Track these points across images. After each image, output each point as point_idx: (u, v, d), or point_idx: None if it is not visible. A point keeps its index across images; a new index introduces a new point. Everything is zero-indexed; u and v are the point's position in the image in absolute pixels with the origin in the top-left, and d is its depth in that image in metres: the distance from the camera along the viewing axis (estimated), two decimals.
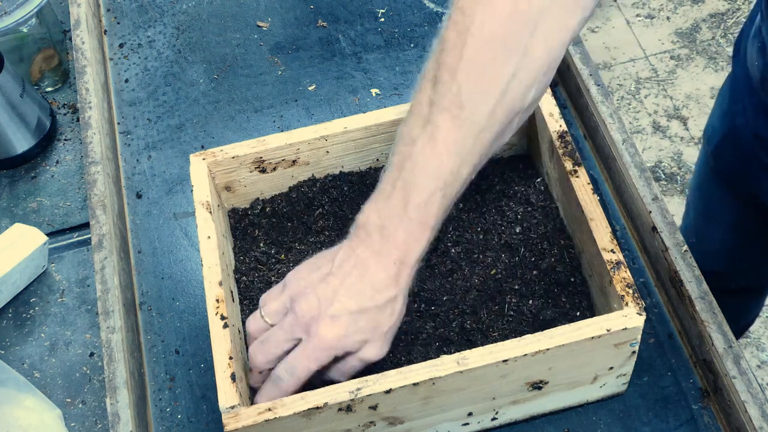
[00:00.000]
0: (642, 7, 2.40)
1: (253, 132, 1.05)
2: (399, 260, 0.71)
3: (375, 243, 0.71)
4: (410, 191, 0.70)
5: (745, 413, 0.76)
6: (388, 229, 0.71)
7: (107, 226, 0.92)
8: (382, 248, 0.71)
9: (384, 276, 0.71)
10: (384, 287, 0.71)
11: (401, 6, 1.16)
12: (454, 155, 0.70)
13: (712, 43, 2.30)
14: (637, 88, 2.24)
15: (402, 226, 0.71)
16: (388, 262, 0.71)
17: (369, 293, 0.71)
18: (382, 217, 0.71)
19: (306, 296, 0.72)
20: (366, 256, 0.71)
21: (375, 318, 0.71)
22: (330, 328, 0.71)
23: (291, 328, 0.72)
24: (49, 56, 1.12)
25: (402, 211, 0.71)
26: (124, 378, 0.82)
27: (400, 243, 0.71)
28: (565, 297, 0.81)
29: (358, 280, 0.71)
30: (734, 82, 1.06)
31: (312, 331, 0.71)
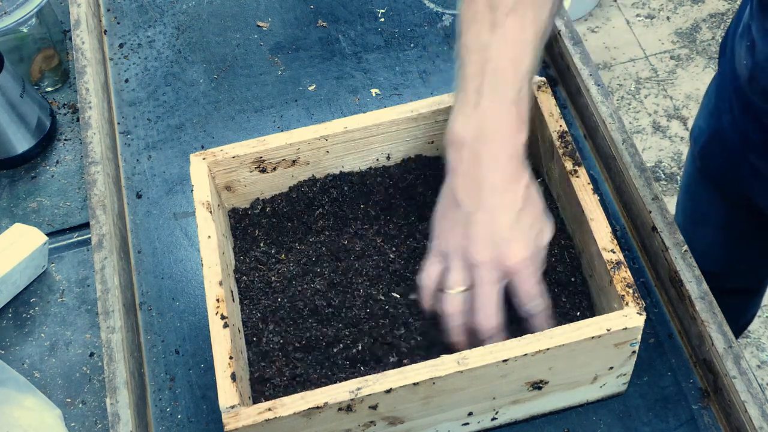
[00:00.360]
0: (642, 7, 2.40)
1: (253, 132, 1.05)
2: (512, 155, 0.74)
3: (483, 153, 0.73)
4: (500, 91, 0.73)
5: (745, 413, 0.76)
6: (489, 134, 0.73)
7: (107, 226, 0.92)
8: (491, 154, 0.73)
9: (509, 175, 0.73)
10: (516, 183, 0.74)
11: (401, 6, 1.16)
12: (530, 51, 0.74)
13: (712, 43, 2.30)
14: (637, 88, 2.24)
15: (502, 124, 0.73)
16: (505, 162, 0.73)
17: (510, 198, 0.73)
18: (478, 126, 0.73)
19: (474, 246, 0.73)
20: (484, 171, 0.73)
21: (530, 210, 0.74)
22: (516, 249, 0.73)
23: (490, 278, 0.74)
24: (49, 56, 1.12)
25: (498, 111, 0.73)
26: (124, 378, 0.82)
27: (507, 139, 0.73)
28: (565, 297, 0.81)
29: (494, 196, 0.73)
30: (721, 82, 1.06)
31: (508, 264, 0.73)
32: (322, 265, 0.84)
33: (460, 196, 0.74)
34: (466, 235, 0.73)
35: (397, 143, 0.88)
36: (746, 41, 0.94)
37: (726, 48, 1.03)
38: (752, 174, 1.03)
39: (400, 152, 0.89)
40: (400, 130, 0.87)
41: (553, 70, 1.07)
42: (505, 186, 0.73)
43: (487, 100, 0.73)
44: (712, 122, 1.08)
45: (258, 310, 0.81)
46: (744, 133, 1.00)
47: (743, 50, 0.95)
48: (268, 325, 0.80)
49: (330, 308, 0.81)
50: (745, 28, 0.95)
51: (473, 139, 0.73)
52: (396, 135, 0.87)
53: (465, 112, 0.74)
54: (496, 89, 0.73)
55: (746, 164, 1.02)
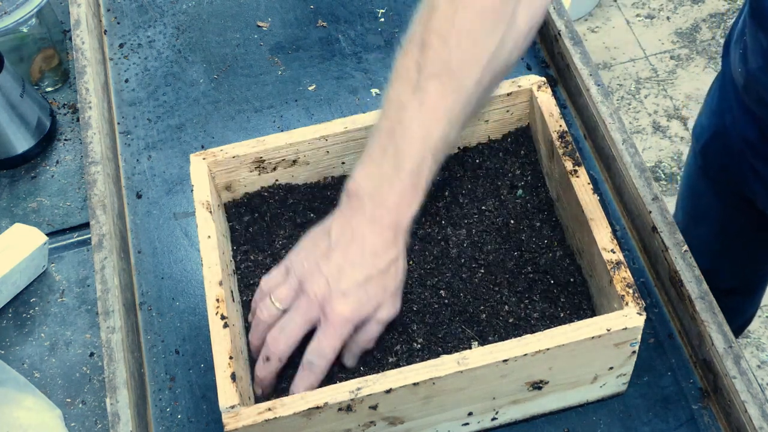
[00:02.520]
0: (642, 7, 2.40)
1: (253, 132, 1.05)
2: (394, 224, 0.73)
3: (368, 210, 0.73)
4: (402, 157, 0.72)
5: (745, 413, 0.76)
6: (380, 195, 0.73)
7: (107, 226, 0.92)
8: (375, 215, 0.73)
9: (381, 241, 0.73)
10: (383, 252, 0.73)
11: (401, 6, 1.16)
12: (444, 121, 0.72)
13: (712, 43, 2.30)
14: (637, 88, 2.24)
15: (394, 191, 0.73)
16: (384, 228, 0.73)
17: (371, 261, 0.73)
18: (374, 184, 0.73)
19: (313, 277, 0.73)
20: (362, 226, 0.73)
21: (382, 282, 0.74)
22: (344, 304, 0.72)
23: (306, 311, 0.74)
24: (49, 56, 1.12)
25: (394, 177, 0.72)
26: (124, 378, 0.82)
27: (393, 208, 0.73)
28: (565, 297, 0.81)
29: (358, 251, 0.73)
30: (723, 82, 1.06)
31: (327, 310, 0.73)
32: None
33: (333, 232, 0.74)
34: (314, 265, 0.74)
35: None
36: (740, 49, 0.94)
37: (729, 47, 1.03)
38: (753, 174, 1.03)
39: None
40: None
41: (553, 70, 1.07)
42: (372, 250, 0.73)
43: (388, 165, 0.73)
44: (715, 121, 1.08)
45: None
46: (744, 135, 1.00)
47: (737, 58, 0.95)
48: None
49: None
50: (739, 35, 0.95)
51: (367, 196, 0.73)
52: None
53: (368, 166, 0.74)
54: (399, 155, 0.72)
55: (747, 164, 1.02)
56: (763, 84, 0.89)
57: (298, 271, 0.75)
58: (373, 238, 0.73)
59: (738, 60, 0.94)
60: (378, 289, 0.74)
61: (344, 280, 0.73)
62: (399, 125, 0.72)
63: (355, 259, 0.73)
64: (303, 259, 0.75)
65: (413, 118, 0.72)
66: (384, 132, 0.73)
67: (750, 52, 0.90)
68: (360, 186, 0.73)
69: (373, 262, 0.73)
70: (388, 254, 0.73)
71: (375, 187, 0.73)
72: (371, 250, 0.73)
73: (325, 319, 0.73)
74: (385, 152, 0.73)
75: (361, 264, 0.73)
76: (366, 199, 0.73)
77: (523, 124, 0.91)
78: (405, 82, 0.72)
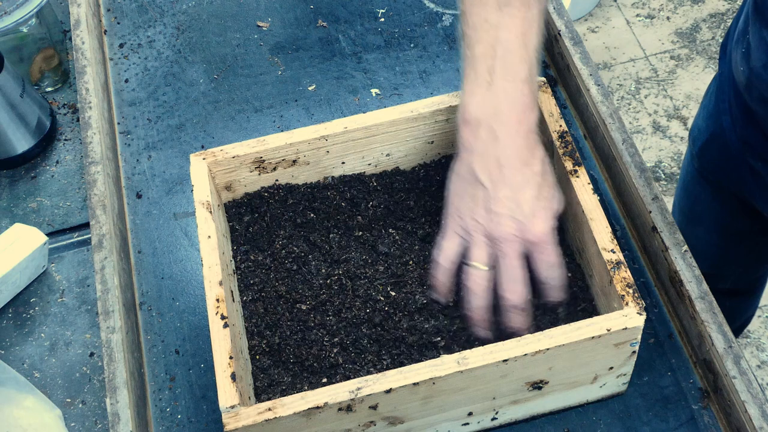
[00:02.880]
0: (642, 7, 2.40)
1: (253, 132, 1.05)
2: (525, 132, 0.76)
3: (500, 133, 0.75)
4: (513, 71, 0.75)
5: (745, 413, 0.76)
6: (503, 114, 0.75)
7: (107, 226, 0.92)
8: (509, 133, 0.75)
9: (525, 152, 0.76)
10: (532, 157, 0.76)
11: (401, 6, 1.16)
12: (536, 27, 0.76)
13: (712, 43, 2.30)
14: (637, 88, 2.24)
15: (516, 104, 0.75)
16: (521, 141, 0.75)
17: (529, 173, 0.75)
18: (493, 106, 0.75)
19: (499, 224, 0.75)
20: (502, 151, 0.75)
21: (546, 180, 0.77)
22: (540, 224, 0.76)
23: (516, 251, 0.76)
24: (49, 56, 1.12)
25: (511, 92, 0.75)
26: (124, 378, 0.82)
27: (521, 118, 0.75)
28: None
29: (515, 173, 0.75)
30: (721, 83, 1.05)
31: (531, 238, 0.76)
32: (321, 265, 0.84)
33: (480, 175, 0.76)
34: (489, 212, 0.75)
35: (397, 143, 0.88)
36: (742, 48, 0.94)
37: (726, 49, 1.03)
38: (751, 176, 1.03)
39: (400, 152, 0.89)
40: (400, 130, 0.87)
41: (553, 70, 1.07)
42: (524, 162, 0.75)
43: (500, 80, 0.75)
44: (712, 123, 1.08)
45: (258, 310, 0.81)
46: (743, 136, 1.00)
47: (739, 57, 0.95)
48: (268, 325, 0.80)
49: (330, 308, 0.81)
50: (740, 34, 0.95)
51: (489, 118, 0.75)
52: (396, 135, 0.87)
53: (478, 92, 0.76)
54: (508, 69, 0.75)
55: (745, 166, 1.02)
56: (766, 82, 0.89)
57: (477, 226, 0.77)
58: (519, 153, 0.75)
59: (740, 59, 0.94)
60: (548, 191, 0.77)
61: (524, 205, 0.75)
62: (498, 43, 0.75)
63: (517, 182, 0.75)
64: (472, 215, 0.77)
65: (510, 33, 0.75)
66: (482, 56, 0.76)
67: (753, 50, 0.90)
68: (479, 113, 0.76)
69: (532, 173, 0.76)
70: (537, 158, 0.76)
71: (495, 108, 0.75)
72: (522, 164, 0.75)
73: (534, 245, 0.76)
74: (492, 72, 0.75)
75: (525, 182, 0.75)
76: (493, 122, 0.75)
77: None
78: (487, 5, 0.76)
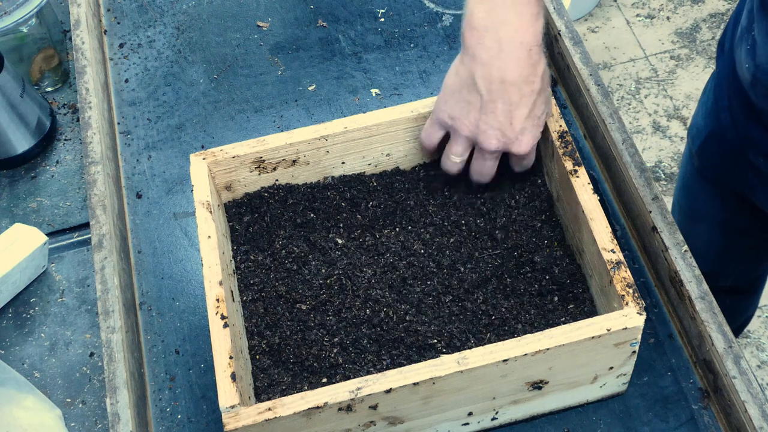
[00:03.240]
0: (642, 7, 2.40)
1: (253, 132, 1.05)
2: (529, 43, 0.76)
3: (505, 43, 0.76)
4: None
5: (745, 413, 0.76)
6: (510, 23, 0.76)
7: (107, 226, 0.92)
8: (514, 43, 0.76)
9: (525, 65, 0.76)
10: (531, 72, 0.77)
11: (401, 6, 1.16)
12: None
13: (711, 43, 2.30)
14: (637, 88, 2.24)
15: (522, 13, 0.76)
16: (525, 52, 0.76)
17: (527, 90, 0.77)
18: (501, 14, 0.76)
19: (486, 134, 0.79)
20: (505, 64, 0.76)
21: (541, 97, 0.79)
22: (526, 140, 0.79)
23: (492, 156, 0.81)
24: (49, 56, 1.12)
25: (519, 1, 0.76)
26: (124, 378, 0.82)
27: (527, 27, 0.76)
28: (564, 297, 0.81)
29: (512, 89, 0.76)
30: (719, 80, 1.05)
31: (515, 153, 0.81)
32: (321, 265, 0.84)
33: (480, 83, 0.77)
34: (480, 120, 0.78)
35: (397, 143, 0.88)
36: (746, 44, 0.94)
37: (724, 46, 1.03)
38: (752, 172, 1.03)
39: (400, 152, 0.89)
40: (400, 130, 0.87)
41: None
42: (524, 79, 0.76)
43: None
44: (711, 120, 1.08)
45: (258, 310, 0.82)
46: (744, 132, 1.00)
47: (743, 53, 0.95)
48: (268, 325, 0.80)
49: (330, 308, 0.81)
50: (743, 31, 0.95)
51: (495, 26, 0.76)
52: (396, 135, 0.87)
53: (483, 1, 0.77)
54: None
55: (745, 162, 1.02)
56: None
57: (463, 128, 0.79)
58: (522, 67, 0.76)
59: (745, 55, 0.94)
60: (542, 103, 0.79)
61: (516, 122, 0.77)
62: None
63: (514, 99, 0.76)
64: (462, 117, 0.79)
65: None
66: None
67: (759, 46, 0.90)
68: (485, 20, 0.76)
69: (530, 90, 0.77)
70: (536, 71, 0.77)
71: (501, 16, 0.76)
72: (524, 79, 0.76)
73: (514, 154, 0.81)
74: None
75: (522, 100, 0.76)
76: (498, 30, 0.76)
77: None
78: None
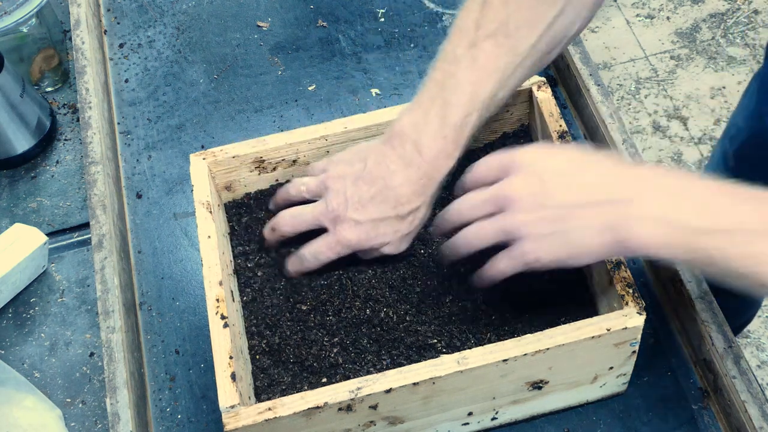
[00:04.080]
0: (642, 7, 2.40)
1: (253, 132, 1.05)
2: (427, 175, 0.76)
3: (407, 154, 0.76)
4: (449, 111, 0.75)
5: (745, 413, 0.76)
6: (421, 144, 0.75)
7: (107, 226, 0.92)
8: (413, 161, 0.75)
9: (409, 190, 0.76)
10: (407, 200, 0.76)
11: (401, 6, 1.16)
12: (495, 80, 0.75)
13: (712, 43, 2.30)
14: (637, 88, 2.24)
15: (436, 143, 0.75)
16: (416, 176, 0.76)
17: (392, 204, 0.76)
18: (417, 131, 0.76)
19: (338, 194, 0.78)
20: (395, 168, 0.76)
21: (395, 225, 0.78)
22: (352, 231, 0.78)
23: (318, 216, 0.79)
24: (49, 56, 1.12)
25: (438, 128, 0.75)
26: (124, 378, 0.82)
27: (431, 159, 0.75)
28: (564, 297, 0.81)
29: (384, 189, 0.76)
30: (763, 82, 1.04)
31: (337, 228, 0.78)
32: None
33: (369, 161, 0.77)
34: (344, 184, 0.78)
35: None
36: None
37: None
38: None
39: None
40: None
41: (553, 70, 1.07)
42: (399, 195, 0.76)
43: (434, 115, 0.75)
44: (754, 123, 1.07)
45: (258, 310, 0.81)
46: None
47: None
48: (268, 325, 0.80)
49: (330, 308, 0.81)
50: None
51: (409, 141, 0.76)
52: None
53: (415, 112, 0.77)
54: (446, 108, 0.75)
55: None
56: None
57: (330, 179, 0.79)
58: (403, 185, 0.76)
59: None
60: (389, 229, 0.77)
61: (361, 212, 0.76)
62: (450, 78, 0.75)
63: (378, 196, 0.76)
64: (339, 171, 0.79)
65: (465, 74, 0.74)
66: (435, 83, 0.76)
67: None
68: (404, 129, 0.76)
69: (394, 206, 0.76)
70: (412, 203, 0.76)
71: (418, 134, 0.75)
72: (396, 195, 0.76)
73: (332, 233, 0.79)
74: (433, 102, 0.75)
75: (382, 203, 0.76)
76: (408, 144, 0.76)
77: (523, 123, 0.91)
78: (462, 37, 0.75)
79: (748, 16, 2.34)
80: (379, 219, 0.77)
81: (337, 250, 0.79)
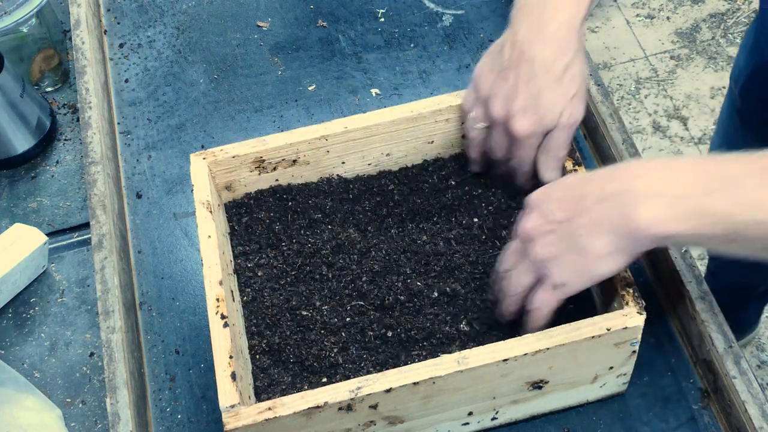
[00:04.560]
0: (642, 7, 2.40)
1: (253, 132, 1.05)
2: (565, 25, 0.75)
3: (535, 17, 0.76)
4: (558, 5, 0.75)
5: (745, 413, 0.76)
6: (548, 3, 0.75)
7: (107, 226, 0.92)
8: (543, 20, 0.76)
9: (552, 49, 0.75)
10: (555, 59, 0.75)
11: (401, 6, 1.16)
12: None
13: (712, 43, 2.30)
14: (637, 88, 2.24)
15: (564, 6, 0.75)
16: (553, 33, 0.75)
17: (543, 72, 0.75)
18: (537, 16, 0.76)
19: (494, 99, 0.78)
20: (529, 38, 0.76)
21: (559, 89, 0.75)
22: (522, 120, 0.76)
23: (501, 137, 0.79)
24: (49, 56, 1.12)
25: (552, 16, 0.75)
26: (124, 378, 0.82)
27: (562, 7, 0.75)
28: None
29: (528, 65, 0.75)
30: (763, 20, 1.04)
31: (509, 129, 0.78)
32: (321, 265, 0.84)
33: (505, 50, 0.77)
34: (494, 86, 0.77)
35: (397, 143, 0.88)
36: None
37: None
38: None
39: (400, 152, 0.89)
40: (400, 130, 0.87)
41: None
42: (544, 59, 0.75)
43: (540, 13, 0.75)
44: (754, 57, 1.07)
45: (258, 310, 0.82)
46: None
47: None
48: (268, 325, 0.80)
49: (329, 307, 0.81)
50: None
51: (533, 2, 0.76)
52: (396, 135, 0.87)
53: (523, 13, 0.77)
54: None
55: None
56: None
57: (483, 90, 0.79)
58: (542, 48, 0.75)
59: None
60: (555, 96, 0.75)
61: (519, 98, 0.75)
62: None
63: (526, 74, 0.75)
64: (486, 79, 0.78)
65: None
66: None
67: None
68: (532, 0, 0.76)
69: (546, 72, 0.75)
70: (561, 60, 0.75)
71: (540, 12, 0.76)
72: (541, 61, 0.75)
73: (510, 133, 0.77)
74: None
75: (532, 78, 0.75)
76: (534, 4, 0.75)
77: None
78: None
79: (748, 16, 2.34)
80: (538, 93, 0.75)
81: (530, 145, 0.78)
